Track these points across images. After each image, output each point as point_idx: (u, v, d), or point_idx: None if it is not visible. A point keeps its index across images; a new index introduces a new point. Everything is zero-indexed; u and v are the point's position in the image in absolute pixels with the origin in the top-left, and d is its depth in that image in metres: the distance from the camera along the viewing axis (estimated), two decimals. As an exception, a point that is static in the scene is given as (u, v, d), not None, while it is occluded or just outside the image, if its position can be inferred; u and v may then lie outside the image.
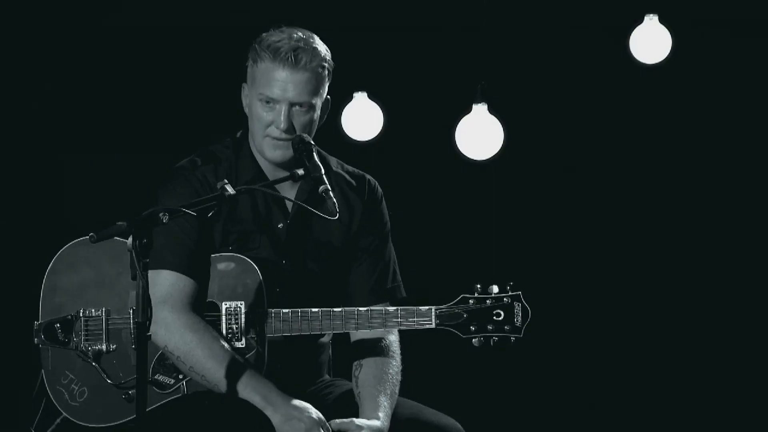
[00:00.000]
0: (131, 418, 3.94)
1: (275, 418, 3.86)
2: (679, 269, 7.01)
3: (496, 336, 3.99)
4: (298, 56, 3.96)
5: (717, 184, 6.97)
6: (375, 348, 4.14)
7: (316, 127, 4.09)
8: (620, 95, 6.96)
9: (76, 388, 4.00)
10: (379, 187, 4.25)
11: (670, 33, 6.64)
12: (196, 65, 6.52)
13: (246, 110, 4.12)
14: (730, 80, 6.87)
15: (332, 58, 4.07)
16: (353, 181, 4.21)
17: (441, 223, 7.12)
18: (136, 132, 6.45)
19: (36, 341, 4.03)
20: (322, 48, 4.04)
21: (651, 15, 6.65)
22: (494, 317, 3.99)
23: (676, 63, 6.72)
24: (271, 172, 4.08)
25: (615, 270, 7.04)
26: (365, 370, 4.10)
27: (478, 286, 4.01)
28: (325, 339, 4.21)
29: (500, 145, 6.71)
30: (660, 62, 6.68)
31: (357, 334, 4.13)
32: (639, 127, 7.02)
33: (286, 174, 3.96)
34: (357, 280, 4.17)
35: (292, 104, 3.99)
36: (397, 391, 4.08)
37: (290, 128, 4.00)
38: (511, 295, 4.01)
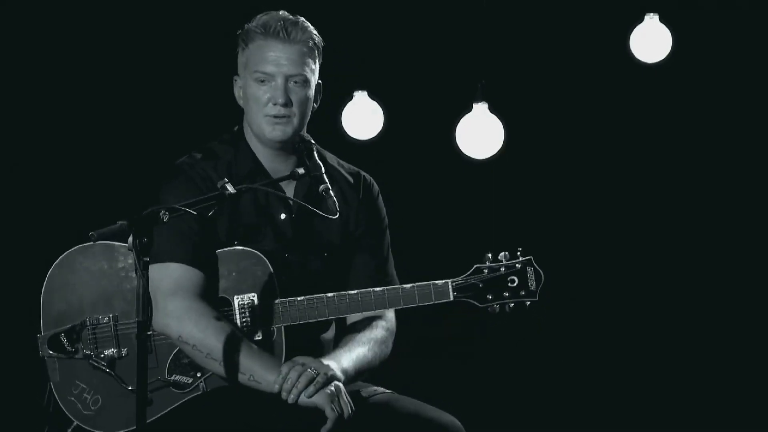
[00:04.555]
0: (152, 419, 3.89)
1: None
2: (679, 269, 7.01)
3: (512, 302, 4.06)
4: (288, 29, 4.00)
5: (717, 183, 6.97)
6: (365, 322, 4.15)
7: (311, 108, 4.11)
8: (620, 95, 6.96)
9: (89, 397, 3.95)
10: (375, 184, 4.28)
11: (671, 32, 6.64)
12: (193, 64, 6.52)
13: (240, 102, 4.14)
14: (730, 80, 6.87)
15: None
16: (350, 178, 4.23)
17: (441, 222, 7.12)
18: (134, 132, 6.45)
19: (41, 354, 3.97)
20: (310, 25, 4.07)
21: (651, 14, 6.65)
22: (509, 284, 4.07)
23: (676, 62, 6.72)
24: (270, 164, 4.11)
25: (616, 270, 7.03)
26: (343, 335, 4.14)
27: (489, 255, 4.08)
28: (328, 335, 4.20)
29: (501, 145, 6.71)
30: (660, 61, 6.68)
31: (353, 317, 4.15)
32: (639, 126, 7.02)
33: (284, 163, 4.05)
34: (353, 272, 4.19)
35: (287, 78, 4.02)
36: (368, 354, 4.06)
37: (288, 102, 4.03)
38: (522, 261, 4.08)
